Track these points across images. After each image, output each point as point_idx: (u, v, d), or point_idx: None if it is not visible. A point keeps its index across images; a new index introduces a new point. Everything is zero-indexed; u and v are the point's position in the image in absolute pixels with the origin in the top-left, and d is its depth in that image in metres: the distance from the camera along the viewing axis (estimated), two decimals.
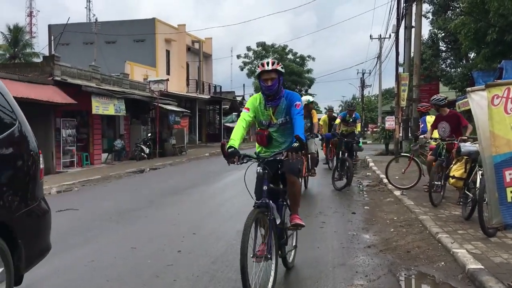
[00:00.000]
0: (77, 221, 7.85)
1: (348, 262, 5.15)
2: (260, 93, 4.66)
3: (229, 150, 4.25)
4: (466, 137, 7.56)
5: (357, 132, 11.77)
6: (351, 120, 11.71)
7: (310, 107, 10.62)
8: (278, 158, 4.34)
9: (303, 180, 10.24)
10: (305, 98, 10.03)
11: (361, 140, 12.77)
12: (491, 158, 4.31)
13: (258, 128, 4.79)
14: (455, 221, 6.69)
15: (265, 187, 4.31)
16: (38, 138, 10.53)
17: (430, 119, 9.89)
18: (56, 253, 5.80)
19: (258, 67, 4.47)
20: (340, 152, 11.11)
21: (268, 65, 4.36)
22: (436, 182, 8.00)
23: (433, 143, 8.67)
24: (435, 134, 8.70)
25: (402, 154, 11.01)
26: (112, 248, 5.97)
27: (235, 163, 4.24)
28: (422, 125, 10.30)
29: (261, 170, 4.35)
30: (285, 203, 4.73)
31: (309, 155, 10.38)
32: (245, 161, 4.37)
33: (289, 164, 4.31)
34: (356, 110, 12.39)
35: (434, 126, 8.45)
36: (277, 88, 4.41)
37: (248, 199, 8.23)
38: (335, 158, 13.89)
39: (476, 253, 5.01)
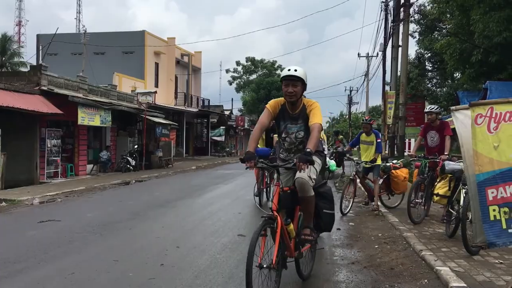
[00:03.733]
0: (58, 232, 7.73)
1: (333, 279, 5.14)
2: None
3: None
4: (447, 155, 7.62)
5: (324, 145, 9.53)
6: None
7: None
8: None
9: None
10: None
11: (331, 160, 9.49)
12: (474, 176, 4.35)
13: None
14: (439, 239, 6.72)
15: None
16: (22, 148, 10.42)
17: (363, 137, 9.82)
18: (36, 264, 5.70)
19: None
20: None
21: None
22: (417, 200, 8.05)
23: (417, 161, 8.73)
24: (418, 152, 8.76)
25: (350, 177, 10.04)
26: (93, 261, 5.87)
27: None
28: (354, 139, 10.30)
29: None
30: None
31: None
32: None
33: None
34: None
35: (422, 135, 8.51)
36: None
37: (233, 214, 8.19)
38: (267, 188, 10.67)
39: (459, 271, 5.03)
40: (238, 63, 56.48)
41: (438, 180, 7.44)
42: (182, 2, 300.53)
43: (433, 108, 8.27)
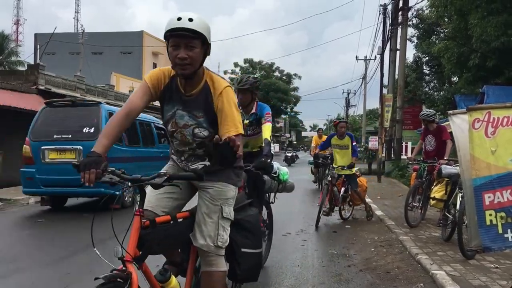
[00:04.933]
0: (56, 232, 7.70)
1: (328, 281, 5.13)
2: None
3: None
4: (446, 160, 7.65)
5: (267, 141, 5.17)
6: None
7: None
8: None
9: None
10: None
11: (282, 167, 5.45)
12: (471, 181, 4.35)
13: None
14: (435, 243, 6.72)
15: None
16: (19, 147, 10.34)
17: (336, 140, 8.96)
18: (32, 264, 5.67)
19: None
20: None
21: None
22: (414, 203, 8.07)
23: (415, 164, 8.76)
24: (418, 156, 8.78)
25: (326, 183, 8.82)
26: (90, 260, 5.84)
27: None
28: (325, 142, 9.49)
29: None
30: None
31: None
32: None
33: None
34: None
35: (422, 139, 8.61)
36: None
37: None
38: None
39: (455, 275, 5.03)
40: (236, 65, 56.51)
41: (434, 184, 7.46)
42: (181, 2, 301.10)
43: (428, 115, 8.31)
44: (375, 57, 31.08)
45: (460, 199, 6.20)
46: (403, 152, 21.43)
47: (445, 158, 7.74)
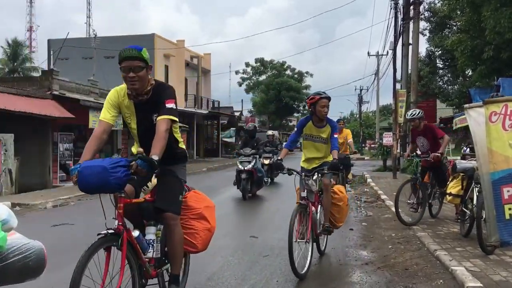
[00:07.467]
0: (72, 236, 7.77)
1: (346, 279, 5.10)
2: None
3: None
4: (439, 154, 7.55)
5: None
6: None
7: None
8: None
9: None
10: None
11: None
12: (488, 175, 4.30)
13: None
14: (453, 238, 6.64)
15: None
16: (35, 152, 10.55)
17: (311, 129, 5.89)
18: (49, 269, 5.72)
19: None
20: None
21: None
22: (409, 201, 8.01)
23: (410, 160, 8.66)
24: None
25: (301, 202, 5.43)
26: None
27: None
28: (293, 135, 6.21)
29: None
30: None
31: None
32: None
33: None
34: None
35: (413, 141, 8.46)
36: None
37: (245, 215, 7.99)
38: None
39: (475, 270, 4.96)
40: (247, 64, 56.64)
41: (450, 180, 7.38)
42: (193, 3, 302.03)
43: (414, 114, 8.08)
44: (387, 52, 30.86)
45: (477, 193, 6.12)
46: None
47: (440, 151, 7.62)
